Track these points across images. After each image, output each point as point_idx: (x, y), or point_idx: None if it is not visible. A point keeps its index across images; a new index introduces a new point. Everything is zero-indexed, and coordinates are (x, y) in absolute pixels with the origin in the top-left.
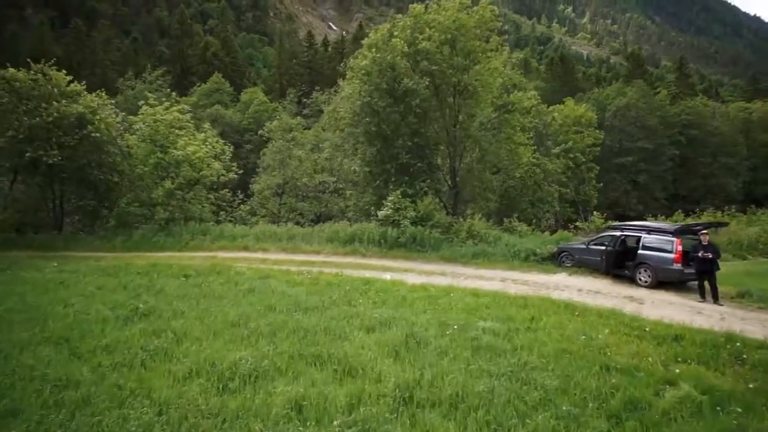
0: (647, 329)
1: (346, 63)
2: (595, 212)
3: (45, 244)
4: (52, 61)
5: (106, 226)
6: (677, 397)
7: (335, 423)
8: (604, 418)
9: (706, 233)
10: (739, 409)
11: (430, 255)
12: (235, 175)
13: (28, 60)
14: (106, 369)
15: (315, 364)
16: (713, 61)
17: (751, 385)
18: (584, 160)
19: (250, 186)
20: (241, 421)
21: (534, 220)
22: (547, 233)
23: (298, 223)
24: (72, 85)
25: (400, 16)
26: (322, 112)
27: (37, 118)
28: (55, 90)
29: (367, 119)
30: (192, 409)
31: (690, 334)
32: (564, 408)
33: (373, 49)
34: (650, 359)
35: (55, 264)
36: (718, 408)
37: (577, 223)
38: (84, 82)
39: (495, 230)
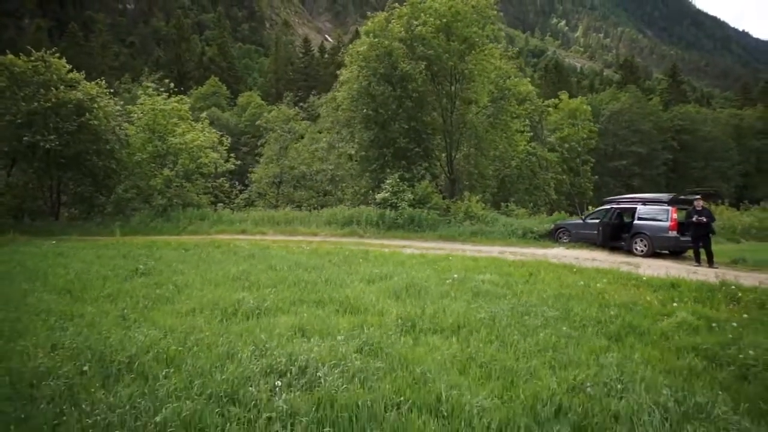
0: (644, 279)
1: (344, 52)
2: (590, 207)
3: (42, 230)
4: (54, 49)
5: (103, 212)
6: (674, 323)
7: (339, 338)
8: (604, 337)
9: (700, 199)
10: (734, 324)
11: (428, 234)
12: (233, 166)
13: (28, 47)
14: (110, 310)
15: (316, 306)
16: (704, 74)
17: (745, 315)
18: (579, 150)
19: (248, 186)
20: (246, 338)
21: (531, 205)
22: (543, 215)
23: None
24: (72, 73)
25: (396, 4)
26: (318, 116)
27: (36, 104)
28: (55, 76)
29: (364, 103)
30: (196, 331)
31: (686, 283)
32: (564, 329)
33: (371, 35)
34: (647, 299)
35: (54, 242)
36: (714, 325)
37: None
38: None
39: (492, 212)
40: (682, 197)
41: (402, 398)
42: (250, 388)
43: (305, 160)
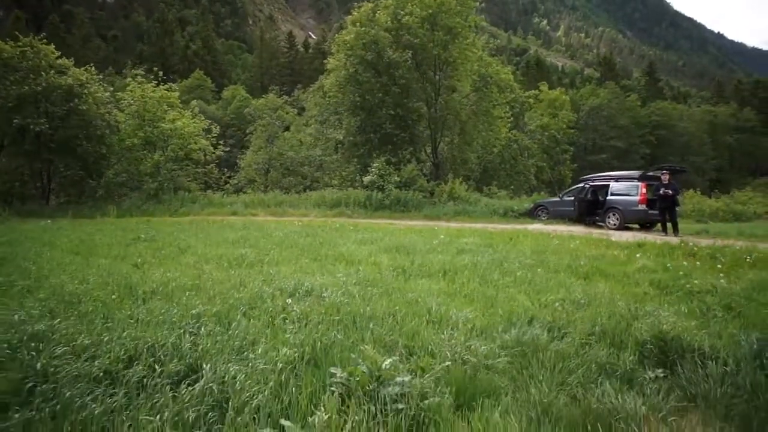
0: (613, 241)
1: (332, 41)
2: None
3: (34, 212)
4: (42, 35)
5: (94, 196)
6: (636, 267)
7: (338, 275)
8: (574, 277)
9: (667, 173)
10: (685, 264)
11: (414, 214)
12: (222, 152)
13: (16, 32)
14: (122, 263)
15: (314, 260)
16: (681, 74)
17: (698, 263)
18: (558, 139)
19: (234, 177)
20: (254, 275)
21: (513, 188)
22: (524, 196)
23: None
24: (61, 59)
25: None
26: (304, 109)
27: (26, 87)
28: (44, 62)
29: (351, 90)
30: (207, 273)
31: (650, 244)
32: (539, 271)
33: (357, 24)
34: (615, 253)
35: (49, 221)
36: (669, 266)
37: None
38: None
39: (475, 194)
40: (651, 173)
41: (397, 309)
42: (267, 302)
43: (293, 147)
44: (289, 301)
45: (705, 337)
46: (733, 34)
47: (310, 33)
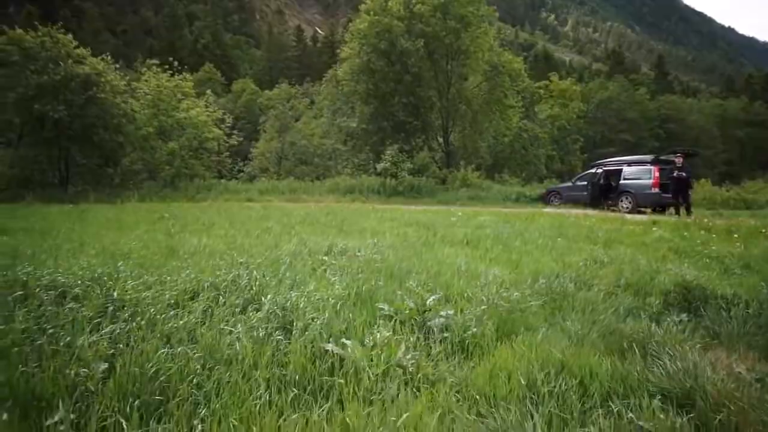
0: (628, 218)
1: (346, 30)
2: None
3: (54, 198)
4: (60, 23)
5: (112, 184)
6: (653, 238)
7: (368, 241)
8: (595, 245)
9: (681, 156)
10: (702, 233)
11: (428, 200)
12: (236, 142)
13: (36, 22)
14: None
15: (339, 231)
16: (690, 69)
17: (713, 236)
18: (569, 128)
19: (248, 165)
20: (286, 239)
21: (524, 175)
22: (535, 184)
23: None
24: (78, 49)
25: None
26: (313, 102)
27: (46, 77)
28: (63, 51)
29: (364, 78)
30: (238, 240)
31: (665, 221)
32: (559, 240)
33: (371, 13)
34: (631, 228)
35: (71, 205)
36: (686, 234)
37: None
38: None
39: (487, 181)
40: (664, 157)
41: (429, 265)
42: (305, 257)
43: (306, 136)
44: (325, 258)
45: (727, 287)
46: (744, 28)
47: (317, 28)
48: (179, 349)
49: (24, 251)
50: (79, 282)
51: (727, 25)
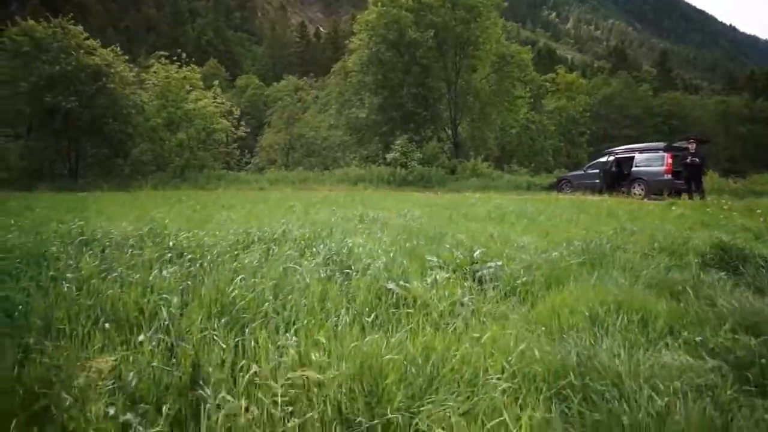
0: (644, 201)
1: (355, 21)
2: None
3: (65, 188)
4: (70, 15)
5: (121, 174)
6: (675, 215)
7: (394, 214)
8: (616, 221)
9: (694, 142)
10: (725, 208)
11: (438, 189)
12: (244, 133)
13: (47, 14)
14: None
15: (366, 207)
16: (692, 67)
17: (735, 213)
18: (576, 119)
19: (256, 157)
20: (316, 210)
21: (533, 165)
22: (544, 174)
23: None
24: (88, 40)
25: None
26: (317, 97)
27: (58, 67)
28: (74, 42)
29: (373, 69)
30: (265, 214)
31: (682, 202)
32: (582, 216)
33: (379, 4)
34: (650, 208)
35: (84, 194)
36: (708, 210)
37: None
38: None
39: (496, 171)
40: (676, 144)
41: (464, 231)
42: (340, 222)
43: (314, 128)
44: (360, 226)
45: (763, 248)
46: (745, 26)
47: (319, 26)
48: (252, 281)
49: (63, 218)
50: (137, 235)
51: (728, 23)
